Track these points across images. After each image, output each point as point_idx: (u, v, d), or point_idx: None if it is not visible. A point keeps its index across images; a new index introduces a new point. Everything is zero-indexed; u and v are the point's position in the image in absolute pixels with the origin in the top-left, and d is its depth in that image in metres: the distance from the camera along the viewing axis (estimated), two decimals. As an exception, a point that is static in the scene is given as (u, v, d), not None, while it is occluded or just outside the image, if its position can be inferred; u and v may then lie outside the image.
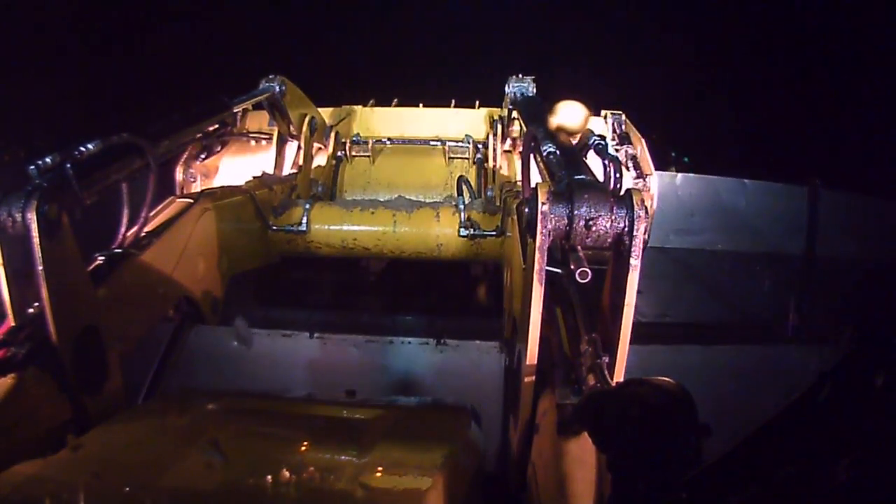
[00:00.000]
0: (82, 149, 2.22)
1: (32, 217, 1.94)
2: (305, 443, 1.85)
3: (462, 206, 3.61)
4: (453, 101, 5.23)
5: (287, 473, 1.57)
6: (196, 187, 4.06)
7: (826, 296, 5.40)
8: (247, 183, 3.70)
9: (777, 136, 10.93)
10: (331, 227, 3.63)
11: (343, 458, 1.75)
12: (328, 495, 1.55)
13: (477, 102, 5.13)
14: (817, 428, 0.90)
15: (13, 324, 2.03)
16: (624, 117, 4.44)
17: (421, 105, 5.21)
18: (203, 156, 4.15)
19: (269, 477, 1.55)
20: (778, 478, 0.89)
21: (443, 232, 3.59)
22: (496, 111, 4.78)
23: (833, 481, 0.84)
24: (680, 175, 7.58)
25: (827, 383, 0.89)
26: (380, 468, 1.69)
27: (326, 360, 4.50)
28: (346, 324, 4.76)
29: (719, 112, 11.43)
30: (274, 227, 3.57)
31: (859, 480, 0.84)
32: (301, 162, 4.20)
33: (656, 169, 4.18)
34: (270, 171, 4.10)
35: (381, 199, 3.99)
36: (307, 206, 3.62)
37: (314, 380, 3.23)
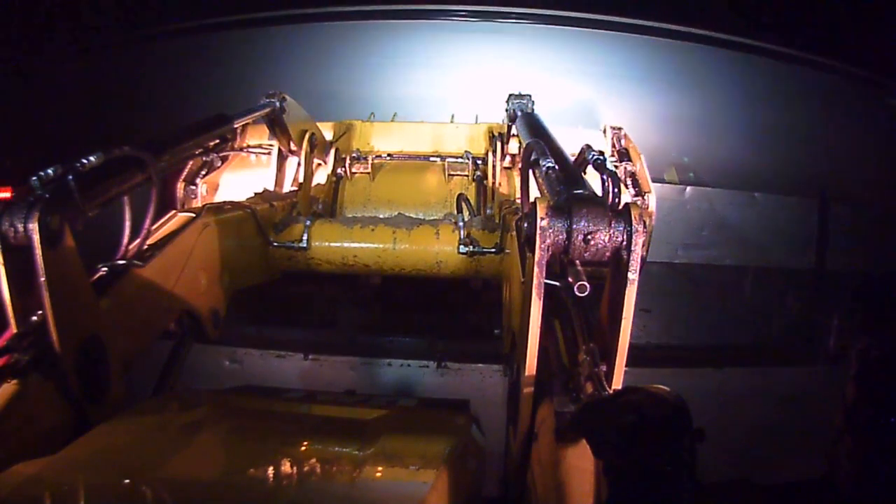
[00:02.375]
0: (84, 161, 2.24)
1: (34, 227, 1.96)
2: (306, 438, 1.86)
3: (461, 224, 3.62)
4: (452, 115, 5.25)
5: (288, 468, 1.57)
6: (197, 203, 4.08)
7: (838, 312, 5.36)
8: (248, 199, 3.72)
9: (785, 145, 10.79)
10: (331, 243, 3.64)
11: (345, 452, 1.76)
12: (330, 489, 1.55)
13: (476, 116, 5.15)
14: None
15: (16, 331, 2.04)
16: (624, 131, 4.45)
17: (421, 119, 5.24)
18: (203, 172, 4.17)
19: (270, 471, 1.55)
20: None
21: (442, 249, 3.60)
22: (496, 126, 4.80)
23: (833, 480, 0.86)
24: (689, 188, 7.50)
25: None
26: (382, 462, 1.70)
27: (321, 382, 4.46)
28: (342, 344, 4.72)
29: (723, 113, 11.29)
30: (275, 244, 3.59)
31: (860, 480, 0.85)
32: (301, 179, 4.22)
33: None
34: (271, 186, 4.13)
35: (381, 216, 4.01)
36: (308, 223, 3.64)
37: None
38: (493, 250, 3.51)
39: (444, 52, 7.65)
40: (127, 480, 1.50)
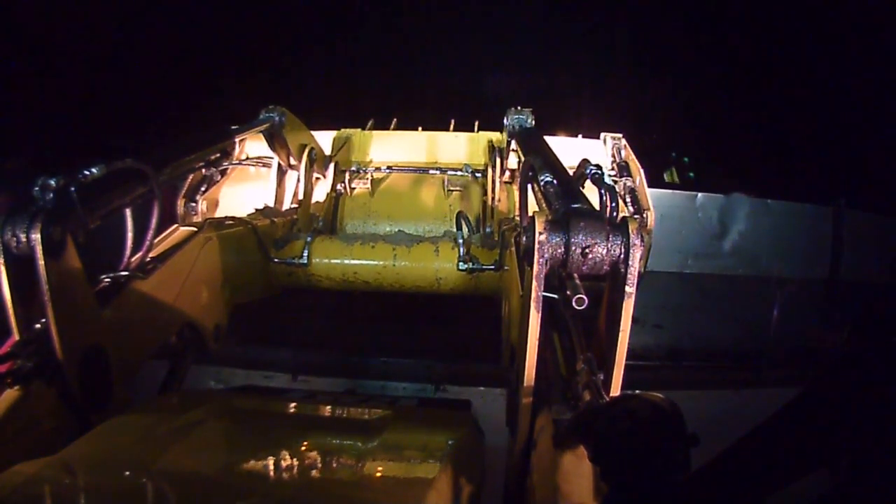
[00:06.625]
0: (86, 172, 2.26)
1: (37, 238, 1.98)
2: (307, 437, 1.87)
3: (461, 241, 3.63)
4: (452, 123, 5.20)
5: (289, 466, 1.57)
6: (197, 219, 4.08)
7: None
8: (249, 215, 3.74)
9: (796, 150, 10.65)
10: (332, 260, 3.66)
11: (346, 450, 1.76)
12: (332, 486, 1.55)
13: (476, 124, 5.10)
14: (814, 428, 0.92)
15: (18, 338, 2.06)
16: (623, 142, 4.42)
17: (420, 128, 5.20)
18: (203, 188, 4.18)
19: (272, 470, 1.56)
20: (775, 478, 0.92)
21: (442, 266, 3.62)
22: (496, 137, 4.78)
23: (832, 481, 0.86)
24: (700, 195, 7.37)
25: (825, 381, 0.92)
26: (384, 459, 1.70)
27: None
28: (334, 364, 4.63)
29: (728, 116, 11.20)
30: (276, 260, 3.60)
31: (859, 480, 0.85)
32: (301, 195, 4.24)
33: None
34: (271, 201, 4.14)
35: (381, 232, 4.00)
36: (308, 240, 3.65)
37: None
38: (492, 267, 3.52)
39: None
40: (127, 480, 1.51)
